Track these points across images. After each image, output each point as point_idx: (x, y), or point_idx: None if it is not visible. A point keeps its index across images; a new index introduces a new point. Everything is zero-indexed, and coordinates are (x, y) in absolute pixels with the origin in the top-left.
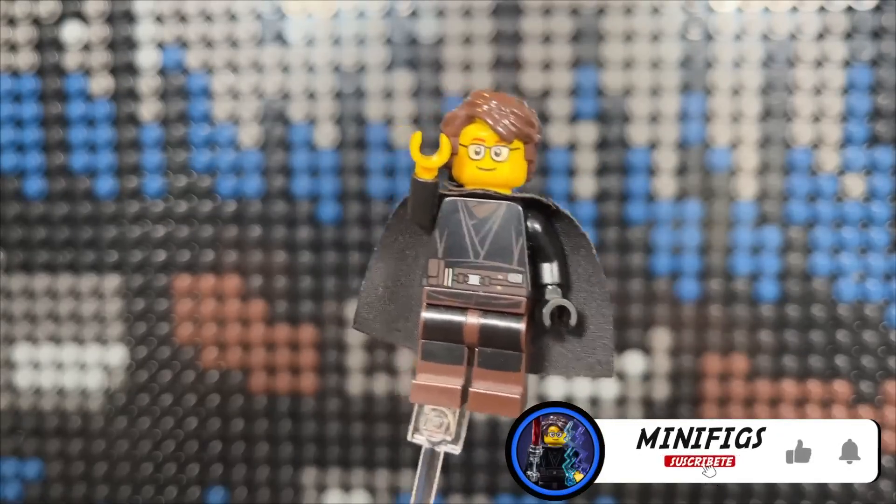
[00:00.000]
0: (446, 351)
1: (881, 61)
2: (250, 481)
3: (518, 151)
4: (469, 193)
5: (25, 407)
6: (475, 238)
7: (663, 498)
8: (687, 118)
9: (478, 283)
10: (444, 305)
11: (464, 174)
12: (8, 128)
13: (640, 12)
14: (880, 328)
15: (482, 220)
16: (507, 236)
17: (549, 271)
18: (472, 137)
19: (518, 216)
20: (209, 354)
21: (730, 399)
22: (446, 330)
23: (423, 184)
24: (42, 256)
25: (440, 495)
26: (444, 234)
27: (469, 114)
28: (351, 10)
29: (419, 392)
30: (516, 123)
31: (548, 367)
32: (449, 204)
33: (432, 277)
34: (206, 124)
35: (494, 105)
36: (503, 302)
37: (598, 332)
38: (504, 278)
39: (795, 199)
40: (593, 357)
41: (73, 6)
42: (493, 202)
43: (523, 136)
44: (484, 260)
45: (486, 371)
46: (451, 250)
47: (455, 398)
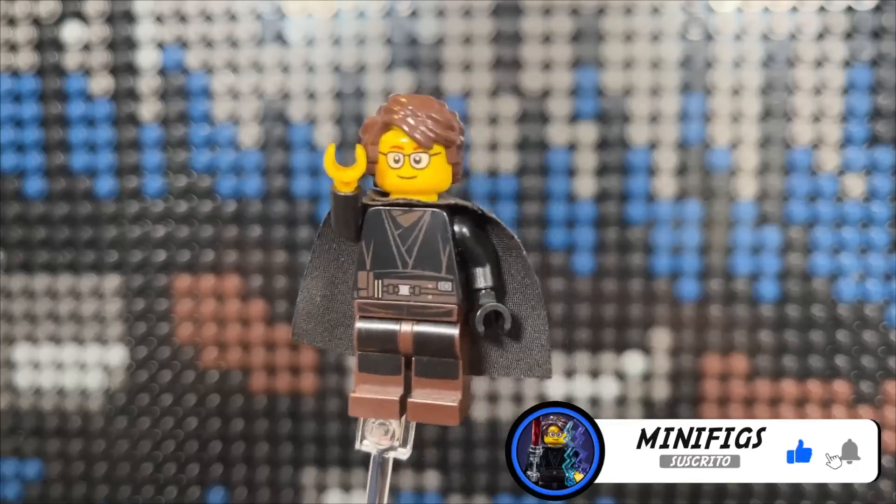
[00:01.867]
0: (383, 361)
1: (881, 61)
2: (250, 481)
3: (439, 156)
4: (391, 203)
5: (25, 407)
6: (402, 248)
7: (663, 498)
8: (687, 118)
9: (408, 293)
10: (377, 317)
11: (385, 182)
12: (8, 128)
13: (640, 12)
14: (880, 328)
15: (408, 229)
16: (434, 244)
17: (482, 276)
18: (390, 145)
19: (444, 223)
20: (209, 354)
21: (730, 399)
22: (381, 340)
23: (343, 197)
24: (42, 256)
25: (440, 495)
26: (370, 245)
27: (385, 121)
28: (351, 10)
29: (358, 405)
30: (434, 129)
31: (488, 368)
32: (372, 214)
33: (362, 290)
34: (206, 124)
35: (410, 111)
36: (435, 310)
37: (534, 333)
38: (434, 287)
39: (795, 199)
40: (531, 358)
41: (73, 6)
42: (417, 210)
43: (443, 141)
44: (413, 269)
45: (424, 380)
46: (378, 261)
47: (393, 410)
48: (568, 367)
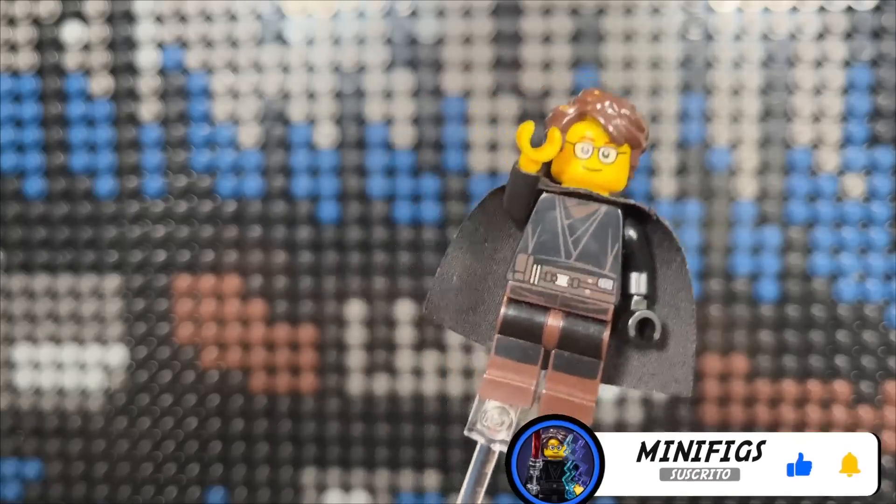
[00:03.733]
0: (522, 349)
1: (881, 61)
2: (250, 481)
3: (625, 155)
4: (569, 192)
5: (25, 407)
6: (569, 238)
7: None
8: (687, 118)
9: (566, 284)
10: (526, 303)
11: (567, 172)
12: (8, 128)
13: (640, 12)
14: (880, 328)
15: (579, 221)
16: (602, 240)
17: (637, 281)
18: (581, 135)
19: (617, 221)
20: (209, 354)
21: (730, 399)
22: (526, 328)
23: (525, 175)
24: (42, 256)
25: (440, 494)
26: (537, 230)
27: (581, 111)
28: (351, 10)
29: (490, 388)
30: (628, 126)
31: (621, 378)
32: (547, 200)
33: (519, 273)
34: (206, 124)
35: (608, 104)
36: (590, 307)
37: (679, 350)
38: (594, 283)
39: (795, 199)
40: (670, 374)
41: (73, 6)
42: (592, 204)
43: (633, 140)
44: (575, 261)
45: (561, 375)
46: (542, 247)
47: (528, 397)
48: None
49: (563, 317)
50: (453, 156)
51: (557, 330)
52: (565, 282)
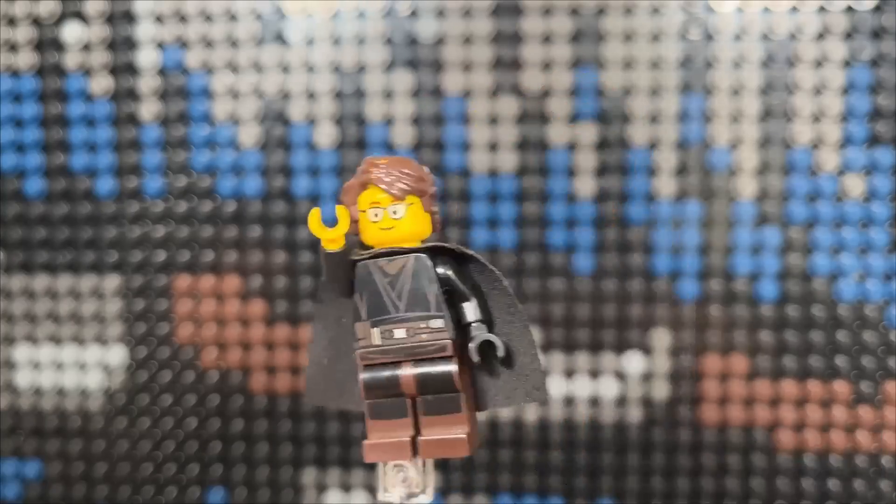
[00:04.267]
0: (390, 406)
1: (881, 61)
2: (250, 481)
3: (415, 206)
4: (377, 254)
5: (25, 407)
6: (392, 294)
7: (664, 498)
8: (687, 118)
9: (404, 335)
10: (378, 364)
11: (368, 237)
12: (8, 128)
13: (640, 12)
14: (880, 328)
15: (395, 276)
16: (421, 286)
17: (471, 310)
18: (368, 202)
19: (426, 265)
20: (209, 354)
21: (730, 399)
22: (385, 386)
23: (331, 255)
24: (42, 256)
25: (440, 495)
26: (363, 296)
27: (363, 181)
28: (351, 10)
29: (372, 451)
30: (407, 182)
31: (491, 401)
32: (361, 268)
33: (362, 340)
34: (206, 124)
35: (385, 169)
36: (431, 348)
37: (526, 359)
38: (427, 326)
39: (795, 199)
40: (528, 384)
41: (73, 6)
42: (401, 258)
43: (416, 192)
44: (405, 312)
45: (431, 418)
46: (373, 310)
47: (405, 450)
48: (568, 367)
49: (413, 365)
50: (453, 156)
51: (412, 378)
52: (403, 333)
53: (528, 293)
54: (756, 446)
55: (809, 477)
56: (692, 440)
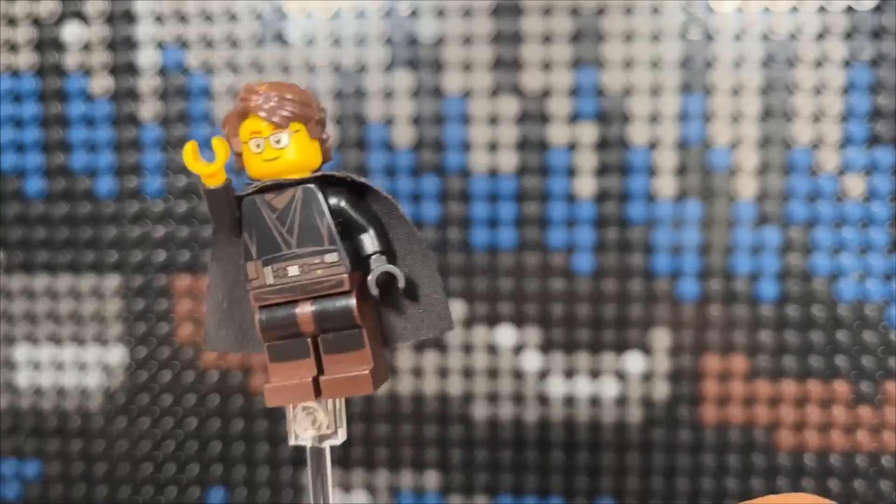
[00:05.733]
0: (291, 347)
1: (881, 61)
2: (250, 481)
3: (300, 133)
4: (262, 187)
5: (25, 407)
6: (282, 229)
7: (664, 498)
8: (687, 118)
9: (298, 272)
10: (274, 304)
11: (252, 170)
12: (8, 128)
13: (640, 12)
14: (880, 328)
15: (283, 210)
16: (311, 219)
17: (369, 241)
18: (249, 132)
19: (316, 197)
20: (209, 354)
21: (729, 399)
22: (283, 326)
23: (211, 191)
24: (42, 256)
25: (440, 495)
26: (252, 234)
27: (241, 110)
28: (351, 10)
29: (274, 394)
30: (289, 108)
31: (398, 336)
32: (247, 204)
33: (254, 280)
34: (206, 124)
35: (263, 95)
36: (327, 284)
37: (430, 289)
38: (321, 261)
39: (795, 199)
40: (434, 313)
41: (73, 6)
42: (288, 190)
43: (299, 118)
44: (297, 248)
45: (333, 356)
46: (263, 248)
47: (308, 392)
48: (568, 366)
49: (311, 302)
50: (453, 156)
51: (310, 316)
52: (296, 270)
53: (528, 293)
54: (756, 446)
55: (809, 477)
56: (692, 440)
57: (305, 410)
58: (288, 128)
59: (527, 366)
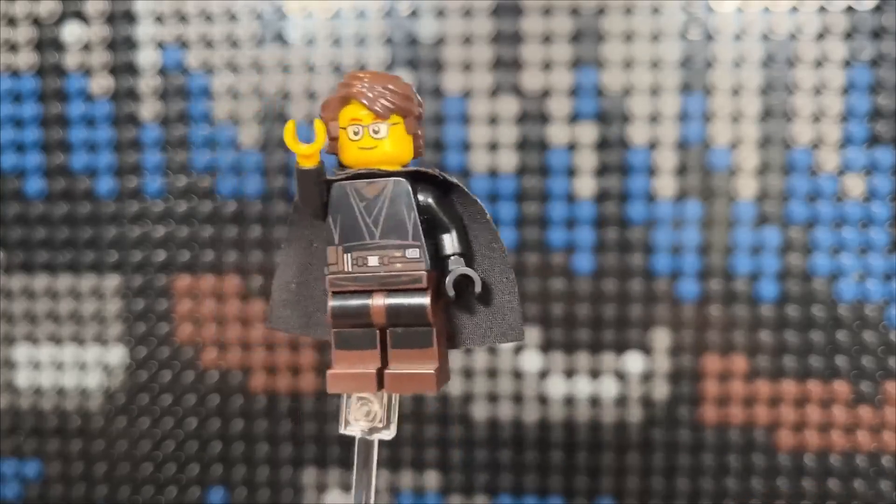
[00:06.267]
0: (359, 336)
1: (881, 61)
2: (250, 481)
3: (398, 126)
4: (354, 175)
5: (25, 407)
6: (368, 219)
7: (664, 498)
8: (687, 118)
9: (377, 263)
10: (348, 291)
11: (346, 156)
12: (8, 128)
13: (640, 12)
14: (880, 328)
15: (372, 200)
16: (398, 213)
17: (450, 242)
18: (349, 118)
19: (406, 191)
20: (209, 354)
21: (729, 399)
22: (354, 315)
23: (305, 171)
24: (42, 256)
25: (440, 495)
26: (336, 219)
27: (344, 95)
28: (351, 10)
29: (335, 381)
30: (391, 99)
31: (464, 339)
32: (337, 189)
33: (332, 265)
34: (206, 124)
35: (367, 84)
36: (405, 278)
37: (505, 297)
38: (402, 255)
39: (795, 199)
40: (504, 322)
41: (73, 6)
42: (380, 181)
43: (400, 111)
44: (380, 239)
45: (400, 351)
46: (346, 235)
47: (370, 383)
48: (568, 366)
49: (385, 295)
50: (453, 156)
51: (382, 309)
52: (376, 261)
53: (528, 293)
54: (756, 446)
55: (809, 477)
56: (692, 440)
57: (361, 401)
58: (388, 119)
59: (527, 366)
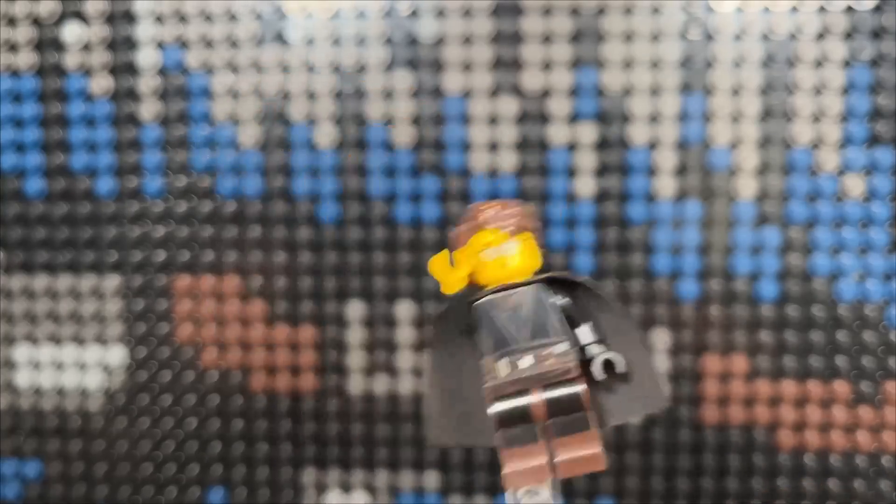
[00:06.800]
0: (522, 433)
1: (881, 61)
2: (250, 481)
3: (525, 242)
4: (494, 291)
5: (25, 407)
6: (515, 326)
7: (664, 498)
8: (687, 118)
9: (530, 363)
10: (507, 394)
11: (485, 277)
12: (8, 128)
13: (640, 12)
14: (880, 328)
15: (515, 309)
16: (541, 315)
17: (586, 332)
18: (482, 244)
19: (544, 295)
20: (209, 354)
21: (730, 399)
22: (517, 415)
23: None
24: (42, 256)
25: (440, 495)
26: (486, 333)
27: (474, 226)
28: (351, 10)
29: (512, 479)
30: (515, 219)
31: (612, 418)
32: (482, 307)
33: (490, 374)
34: (206, 124)
35: (493, 213)
36: (559, 371)
37: (642, 371)
38: (552, 352)
39: (795, 199)
40: (645, 394)
41: (73, 6)
42: (520, 290)
43: (524, 228)
44: (530, 341)
45: (563, 439)
46: (498, 345)
47: (545, 472)
48: None
49: (542, 390)
50: (453, 156)
51: (542, 403)
52: (530, 361)
53: None
54: (756, 446)
55: (809, 477)
56: (692, 440)
57: (529, 493)
58: (517, 237)
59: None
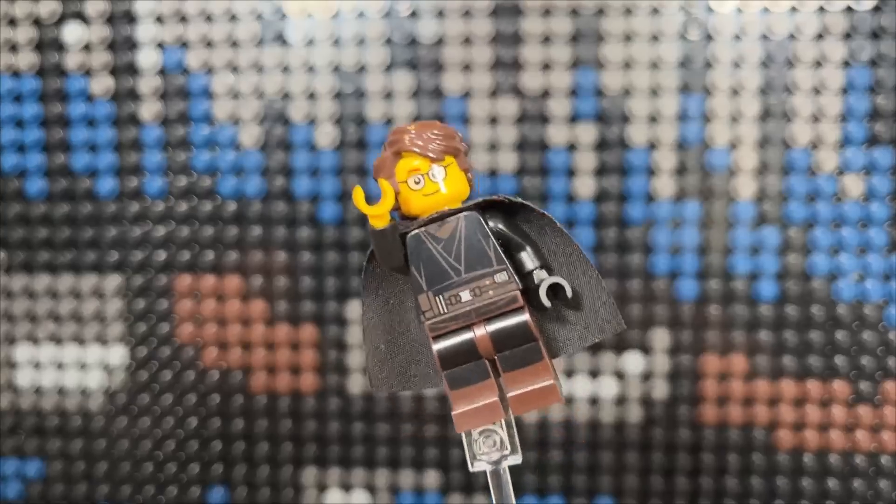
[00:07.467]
0: (470, 371)
1: (881, 61)
2: (251, 481)
3: (453, 165)
4: (425, 222)
5: (26, 406)
6: (449, 258)
7: (663, 497)
8: (686, 118)
9: (470, 296)
10: (449, 332)
11: (413, 206)
12: (9, 128)
13: (639, 13)
14: (879, 328)
15: (448, 240)
16: (477, 244)
17: (528, 258)
18: (407, 171)
19: (478, 221)
20: (210, 354)
21: (729, 399)
22: (461, 352)
23: (381, 231)
24: (43, 256)
25: (440, 495)
26: (420, 268)
27: (396, 151)
28: (351, 11)
29: (463, 419)
30: (440, 142)
31: (564, 347)
32: (412, 239)
33: (427, 311)
34: (206, 124)
35: (415, 134)
36: (501, 302)
37: (594, 294)
38: (492, 281)
39: (795, 199)
40: (600, 318)
41: (73, 6)
42: (451, 220)
43: (452, 151)
44: (466, 274)
45: (514, 373)
46: (433, 279)
47: (498, 411)
48: (567, 366)
49: (486, 324)
50: None
51: (487, 337)
52: (468, 295)
53: None
54: (755, 446)
55: (808, 476)
56: (692, 440)
57: (484, 434)
58: (443, 161)
59: None
